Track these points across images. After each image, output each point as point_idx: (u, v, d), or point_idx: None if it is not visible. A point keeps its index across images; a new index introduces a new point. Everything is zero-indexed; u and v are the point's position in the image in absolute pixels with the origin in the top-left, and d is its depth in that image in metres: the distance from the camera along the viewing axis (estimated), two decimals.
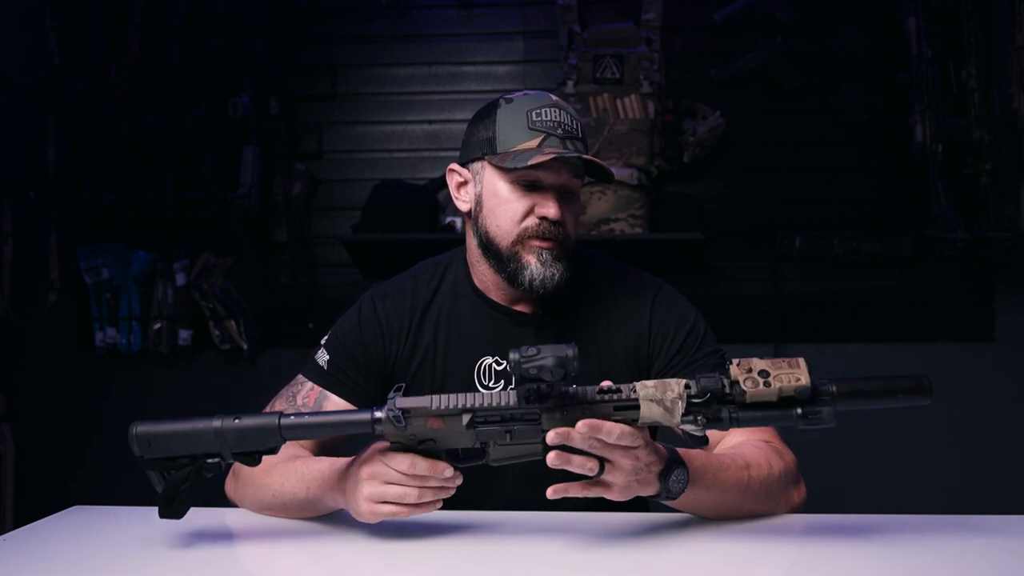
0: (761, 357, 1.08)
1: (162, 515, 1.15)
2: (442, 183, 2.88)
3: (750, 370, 1.05)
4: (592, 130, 2.74)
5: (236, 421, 1.12)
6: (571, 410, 1.08)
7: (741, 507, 1.24)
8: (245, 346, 2.93)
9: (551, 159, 1.31)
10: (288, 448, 1.34)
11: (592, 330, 1.44)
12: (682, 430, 1.11)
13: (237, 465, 1.35)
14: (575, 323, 1.44)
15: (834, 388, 1.07)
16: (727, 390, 1.06)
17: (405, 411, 1.10)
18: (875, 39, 2.78)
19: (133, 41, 2.91)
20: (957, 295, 2.83)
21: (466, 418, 1.10)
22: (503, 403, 1.10)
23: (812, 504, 1.32)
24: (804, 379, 1.04)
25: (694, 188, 2.87)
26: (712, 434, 1.37)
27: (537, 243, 1.36)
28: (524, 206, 1.36)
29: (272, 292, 2.99)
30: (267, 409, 1.43)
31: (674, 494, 1.15)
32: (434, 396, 1.11)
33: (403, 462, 1.11)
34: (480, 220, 1.40)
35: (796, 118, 2.87)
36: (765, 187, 2.88)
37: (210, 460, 1.13)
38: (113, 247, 2.95)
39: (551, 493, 1.10)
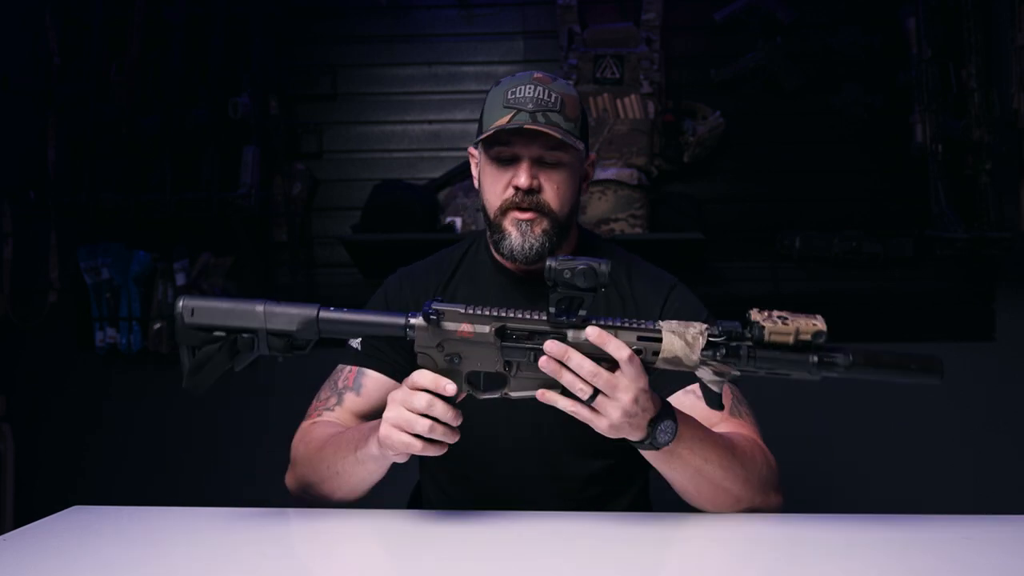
0: None
1: (186, 384, 1.20)
2: (442, 183, 2.89)
3: (769, 314, 1.11)
4: (592, 130, 2.74)
5: (277, 305, 1.19)
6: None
7: (719, 484, 1.25)
8: None
9: (494, 132, 1.37)
10: (334, 429, 1.39)
11: (605, 315, 1.46)
12: (699, 381, 1.14)
13: (294, 454, 1.41)
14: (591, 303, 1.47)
15: (850, 356, 1.12)
16: (747, 331, 1.11)
17: (439, 312, 1.16)
18: (875, 39, 2.78)
19: (133, 41, 2.90)
20: (957, 295, 2.82)
21: (496, 325, 1.15)
22: (533, 317, 1.16)
23: (812, 504, 1.33)
24: (821, 325, 1.10)
25: (694, 188, 2.87)
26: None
27: (516, 214, 1.42)
28: (504, 179, 1.42)
29: (272, 292, 2.98)
30: (313, 404, 1.50)
31: (658, 444, 1.18)
32: (468, 304, 1.18)
33: (411, 378, 1.16)
34: (481, 195, 1.48)
35: (796, 118, 2.87)
36: (765, 187, 2.88)
37: (245, 335, 1.18)
38: (113, 247, 2.95)
39: (540, 395, 1.14)
